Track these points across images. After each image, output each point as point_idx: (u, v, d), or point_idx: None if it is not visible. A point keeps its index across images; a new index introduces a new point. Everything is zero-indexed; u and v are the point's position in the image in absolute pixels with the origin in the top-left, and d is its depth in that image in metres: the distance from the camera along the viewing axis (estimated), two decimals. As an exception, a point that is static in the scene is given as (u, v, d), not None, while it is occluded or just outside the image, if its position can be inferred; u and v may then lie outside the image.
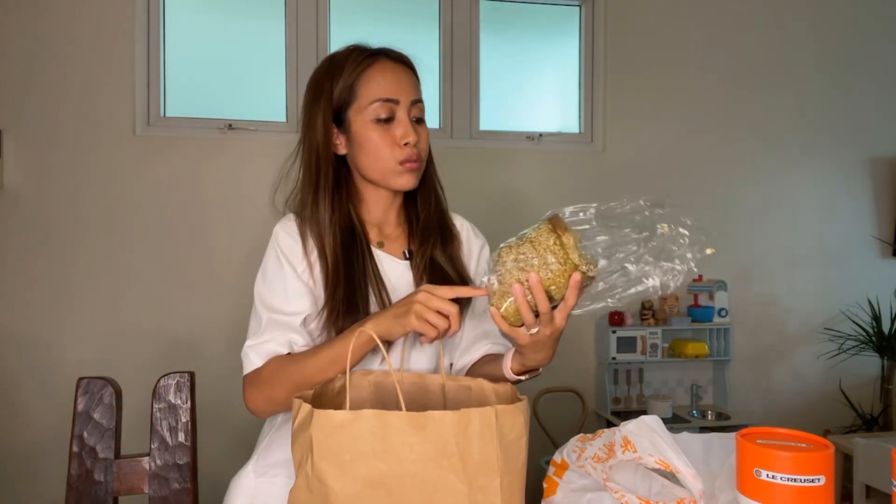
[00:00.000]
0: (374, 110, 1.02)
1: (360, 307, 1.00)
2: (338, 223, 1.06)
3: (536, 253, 0.79)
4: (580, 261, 0.79)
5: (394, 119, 1.03)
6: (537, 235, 0.80)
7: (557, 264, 0.79)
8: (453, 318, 0.86)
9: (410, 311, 0.87)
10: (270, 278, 1.05)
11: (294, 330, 1.01)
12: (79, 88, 2.33)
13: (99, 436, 0.84)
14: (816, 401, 2.95)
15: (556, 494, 0.74)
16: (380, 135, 1.03)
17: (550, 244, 0.79)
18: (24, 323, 2.30)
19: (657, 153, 2.81)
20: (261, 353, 1.00)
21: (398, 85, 1.04)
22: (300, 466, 0.68)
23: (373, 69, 1.04)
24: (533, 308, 0.81)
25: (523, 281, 0.79)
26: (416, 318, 0.86)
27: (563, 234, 0.79)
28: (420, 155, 1.05)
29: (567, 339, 3.01)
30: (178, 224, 2.40)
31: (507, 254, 0.81)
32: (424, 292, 0.87)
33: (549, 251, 0.79)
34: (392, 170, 1.04)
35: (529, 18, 2.83)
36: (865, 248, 3.02)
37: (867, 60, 3.02)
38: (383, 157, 1.03)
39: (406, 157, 1.03)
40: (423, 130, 1.07)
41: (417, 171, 1.06)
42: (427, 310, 0.86)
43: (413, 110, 1.05)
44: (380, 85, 1.03)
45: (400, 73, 1.05)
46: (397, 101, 1.03)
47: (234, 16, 2.56)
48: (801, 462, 0.55)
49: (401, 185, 1.06)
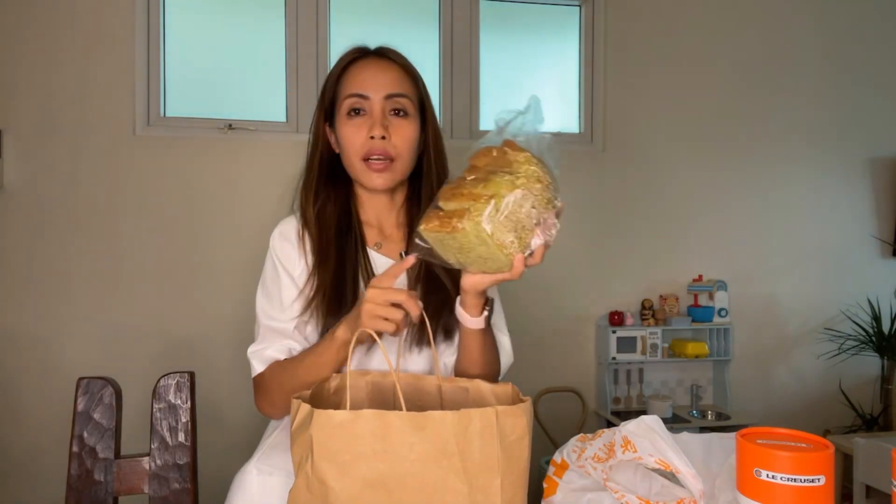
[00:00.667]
0: (348, 104, 1.03)
1: (349, 297, 1.01)
2: (332, 217, 1.06)
3: (551, 193, 0.81)
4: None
5: (365, 114, 1.03)
6: (526, 168, 0.80)
7: (557, 200, 0.82)
8: (406, 303, 0.83)
9: (360, 312, 0.84)
10: (268, 285, 1.06)
11: (290, 336, 1.02)
12: (79, 88, 2.33)
13: (99, 436, 0.84)
14: (816, 401, 2.95)
15: (556, 494, 0.74)
16: (351, 129, 1.03)
17: (541, 173, 0.80)
18: (23, 323, 2.30)
19: (657, 153, 2.81)
20: (261, 360, 1.03)
21: (373, 80, 1.03)
22: (300, 466, 0.68)
23: (353, 67, 1.06)
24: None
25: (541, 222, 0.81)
26: (368, 318, 0.83)
27: (545, 166, 0.81)
28: (388, 151, 1.02)
29: (567, 339, 3.01)
30: (178, 224, 2.40)
31: (520, 191, 0.78)
32: (371, 289, 0.84)
33: (552, 188, 0.81)
34: (359, 167, 1.03)
35: (529, 18, 2.83)
36: (865, 248, 3.02)
37: (868, 60, 3.02)
38: (352, 152, 1.03)
39: (368, 152, 1.01)
40: (403, 126, 1.04)
41: (389, 171, 1.03)
42: (376, 306, 0.83)
43: (389, 104, 1.03)
44: (354, 80, 1.04)
45: (379, 69, 1.05)
46: (366, 95, 1.03)
47: (234, 16, 2.56)
48: (801, 462, 0.55)
49: (369, 184, 1.04)
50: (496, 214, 0.77)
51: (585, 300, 2.75)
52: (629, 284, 2.78)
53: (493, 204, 0.77)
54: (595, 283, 2.76)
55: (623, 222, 2.78)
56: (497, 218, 0.77)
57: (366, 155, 1.02)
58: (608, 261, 2.77)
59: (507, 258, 0.80)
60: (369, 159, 1.02)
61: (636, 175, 2.79)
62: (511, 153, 0.81)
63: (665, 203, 2.82)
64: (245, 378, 1.06)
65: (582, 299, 2.74)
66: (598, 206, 2.74)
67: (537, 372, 2.66)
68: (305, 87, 2.52)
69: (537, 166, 0.80)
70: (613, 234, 2.77)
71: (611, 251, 2.77)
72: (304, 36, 2.53)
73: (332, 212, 1.07)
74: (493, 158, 0.82)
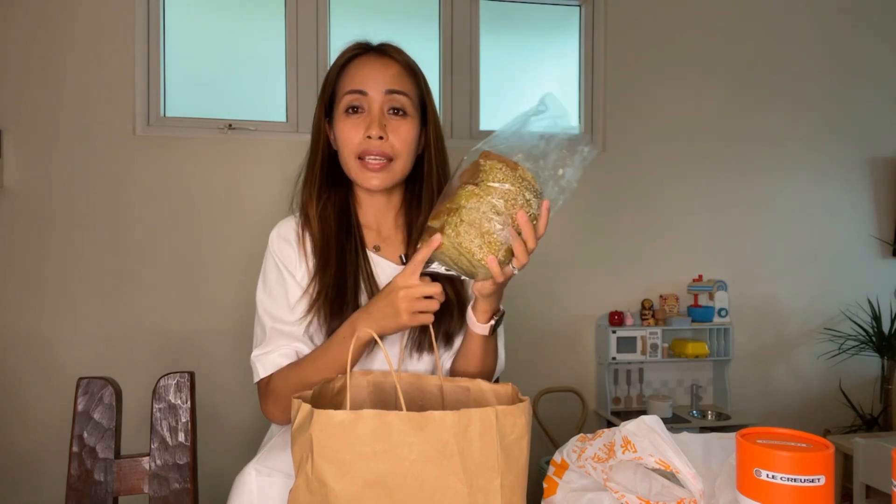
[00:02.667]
0: (346, 101, 1.02)
1: (349, 299, 1.00)
2: (332, 217, 1.05)
3: (516, 188, 0.82)
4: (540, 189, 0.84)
5: (363, 111, 1.01)
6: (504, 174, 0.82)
7: (535, 199, 0.84)
8: (438, 294, 0.89)
9: (400, 311, 0.87)
10: (271, 287, 1.04)
11: (298, 339, 1.01)
12: (79, 88, 2.33)
13: (99, 436, 0.84)
14: (816, 401, 2.95)
15: (556, 494, 0.74)
16: (349, 126, 1.01)
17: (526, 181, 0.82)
18: (24, 323, 2.30)
19: (657, 153, 2.81)
20: (266, 365, 1.00)
21: (372, 77, 1.01)
22: (300, 467, 0.68)
23: (353, 63, 1.04)
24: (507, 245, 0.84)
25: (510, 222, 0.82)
26: (409, 316, 0.88)
27: (518, 169, 0.82)
28: (386, 151, 1.00)
29: (567, 339, 3.01)
30: (178, 224, 2.40)
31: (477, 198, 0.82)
32: (403, 289, 0.87)
33: (528, 188, 0.83)
34: (355, 166, 1.02)
35: (529, 18, 2.83)
36: (865, 248, 3.02)
37: (868, 60, 3.02)
38: (348, 150, 1.02)
39: (365, 151, 1.00)
40: (402, 126, 1.01)
41: (385, 171, 1.01)
42: (415, 302, 0.87)
43: (388, 101, 1.01)
44: (352, 76, 1.02)
45: (379, 65, 1.02)
46: (364, 92, 1.00)
47: (234, 16, 2.56)
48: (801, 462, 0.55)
49: (365, 184, 1.02)
50: (460, 224, 0.82)
51: (585, 300, 2.75)
52: (629, 284, 2.78)
53: (457, 214, 0.82)
54: (595, 283, 2.76)
55: (623, 222, 2.78)
56: (461, 228, 0.82)
57: (362, 154, 1.00)
58: (608, 261, 2.77)
59: (480, 263, 0.83)
60: (364, 158, 1.00)
61: (636, 175, 2.79)
62: (483, 163, 0.83)
63: (665, 203, 2.82)
64: (245, 378, 1.06)
65: (582, 299, 2.74)
66: (598, 206, 2.74)
67: (537, 372, 2.66)
68: (305, 87, 2.52)
69: (506, 172, 0.82)
70: (613, 233, 2.77)
71: (611, 251, 2.77)
72: (304, 36, 2.53)
73: (332, 212, 1.05)
74: (469, 173, 0.85)
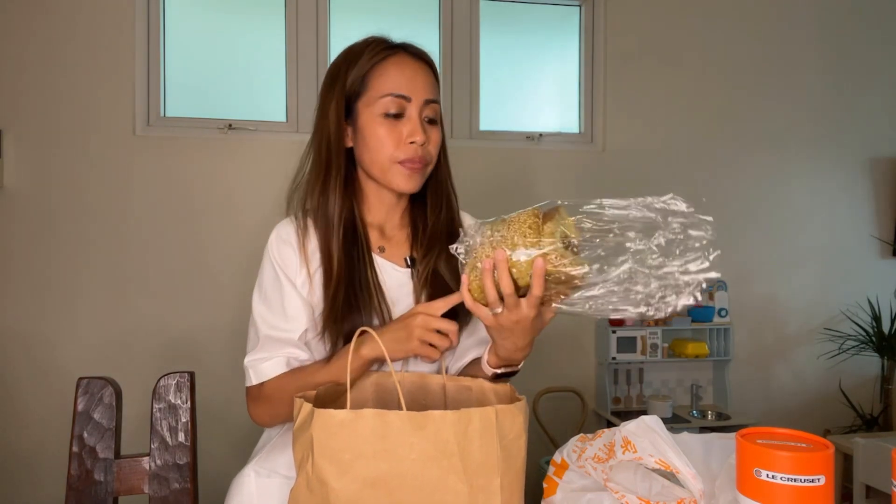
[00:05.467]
0: (385, 104, 0.99)
1: (361, 313, 0.98)
2: (339, 221, 1.02)
3: (508, 232, 0.76)
4: (556, 251, 0.74)
5: (403, 116, 1.00)
6: (517, 216, 0.77)
7: (523, 248, 0.75)
8: (453, 335, 0.89)
9: (412, 336, 0.88)
10: (267, 292, 1.01)
11: (293, 344, 0.99)
12: (79, 88, 2.33)
13: (99, 436, 0.84)
14: (816, 401, 2.95)
15: (556, 494, 0.74)
16: (387, 130, 0.99)
17: (525, 227, 0.76)
18: (24, 323, 2.30)
19: (657, 153, 2.81)
20: (259, 373, 0.98)
21: (413, 82, 1.00)
22: (301, 466, 0.68)
23: (388, 62, 1.00)
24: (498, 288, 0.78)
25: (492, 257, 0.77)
26: (420, 344, 0.88)
27: (546, 221, 0.76)
28: (425, 157, 1.01)
29: (567, 339, 3.00)
30: (178, 224, 2.40)
31: (486, 228, 0.79)
32: (422, 315, 0.88)
33: (520, 233, 0.76)
34: (393, 169, 1.00)
35: (529, 18, 2.83)
36: (865, 248, 3.02)
37: (867, 60, 3.02)
38: (386, 154, 0.99)
39: (409, 157, 0.99)
40: (435, 133, 1.03)
41: (420, 174, 1.01)
42: (428, 332, 0.88)
43: (426, 110, 1.01)
44: (393, 79, 0.99)
45: (417, 70, 1.01)
46: (409, 98, 0.99)
47: (234, 16, 2.56)
48: (801, 462, 0.55)
49: (400, 187, 1.01)
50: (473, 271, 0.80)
51: (585, 300, 2.74)
52: (629, 284, 2.78)
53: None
54: (595, 283, 2.75)
55: (623, 222, 2.77)
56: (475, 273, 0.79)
57: (404, 160, 0.99)
58: (608, 261, 2.76)
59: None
60: (405, 163, 0.99)
61: (636, 175, 2.79)
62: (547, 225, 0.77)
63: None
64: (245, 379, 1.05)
65: (582, 299, 2.74)
66: (598, 206, 2.74)
67: (537, 372, 2.66)
68: (305, 87, 2.52)
69: (558, 240, 0.75)
70: (613, 234, 2.77)
71: (611, 251, 2.77)
72: (304, 36, 2.53)
73: (338, 212, 1.03)
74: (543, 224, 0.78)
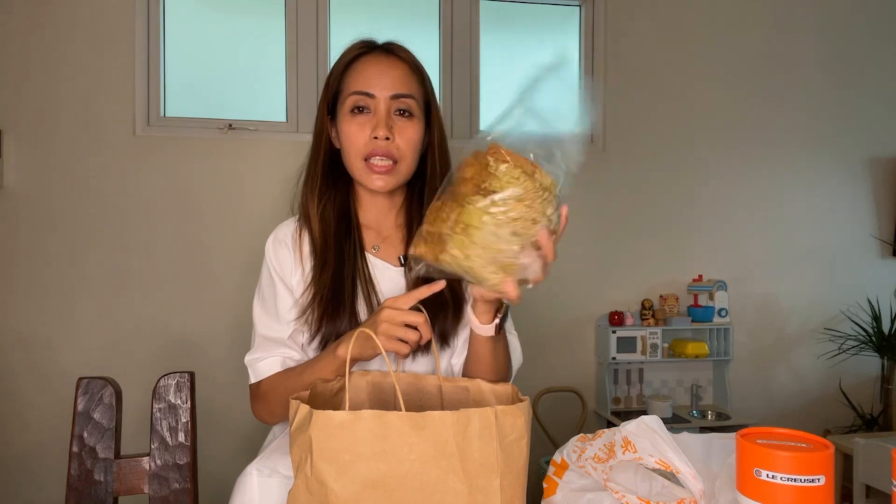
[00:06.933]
0: (352, 101, 1.01)
1: (346, 302, 0.99)
2: (332, 217, 1.04)
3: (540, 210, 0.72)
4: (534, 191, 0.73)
5: (370, 112, 1.01)
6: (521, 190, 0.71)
7: (556, 212, 0.75)
8: (421, 327, 0.86)
9: (377, 332, 0.84)
10: (263, 293, 1.06)
11: (284, 344, 1.03)
12: (79, 88, 2.33)
13: (99, 436, 0.84)
14: (816, 401, 2.95)
15: (556, 494, 0.74)
16: (355, 127, 1.00)
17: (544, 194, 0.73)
18: (24, 323, 2.30)
19: (657, 153, 2.81)
20: (257, 371, 1.03)
21: (379, 78, 1.01)
22: (299, 467, 0.68)
23: (359, 61, 1.03)
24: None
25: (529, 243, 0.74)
26: (385, 339, 0.84)
27: (536, 172, 0.73)
28: (391, 153, 1.00)
29: (567, 339, 3.00)
30: (178, 224, 2.40)
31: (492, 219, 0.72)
32: (387, 309, 0.85)
33: (547, 201, 0.73)
34: (360, 167, 1.01)
35: (529, 18, 2.82)
36: (865, 248, 3.01)
37: (867, 60, 3.02)
38: (354, 150, 1.01)
39: (371, 152, 0.99)
40: (407, 127, 1.01)
41: (390, 174, 1.01)
42: (393, 327, 0.84)
43: (395, 104, 1.01)
44: (360, 77, 1.01)
45: (388, 67, 1.02)
46: (372, 94, 1.00)
47: (234, 16, 2.56)
48: (801, 462, 0.55)
49: (370, 185, 1.02)
50: (469, 246, 0.73)
51: (585, 300, 2.75)
52: (629, 284, 2.78)
53: (467, 236, 0.73)
54: (595, 283, 2.75)
55: (623, 222, 2.78)
56: (471, 251, 0.74)
57: (368, 155, 1.00)
58: (608, 261, 2.77)
59: (494, 286, 0.77)
60: (370, 159, 1.00)
61: (636, 175, 2.79)
62: (493, 164, 0.73)
63: (665, 203, 2.82)
64: (245, 378, 1.06)
65: (582, 299, 2.74)
66: (597, 207, 2.74)
67: (537, 372, 2.66)
68: (305, 87, 2.52)
69: (519, 179, 0.71)
70: (613, 233, 2.77)
71: (610, 251, 2.77)
72: (304, 36, 2.53)
73: (332, 211, 1.05)
74: (476, 170, 0.74)
